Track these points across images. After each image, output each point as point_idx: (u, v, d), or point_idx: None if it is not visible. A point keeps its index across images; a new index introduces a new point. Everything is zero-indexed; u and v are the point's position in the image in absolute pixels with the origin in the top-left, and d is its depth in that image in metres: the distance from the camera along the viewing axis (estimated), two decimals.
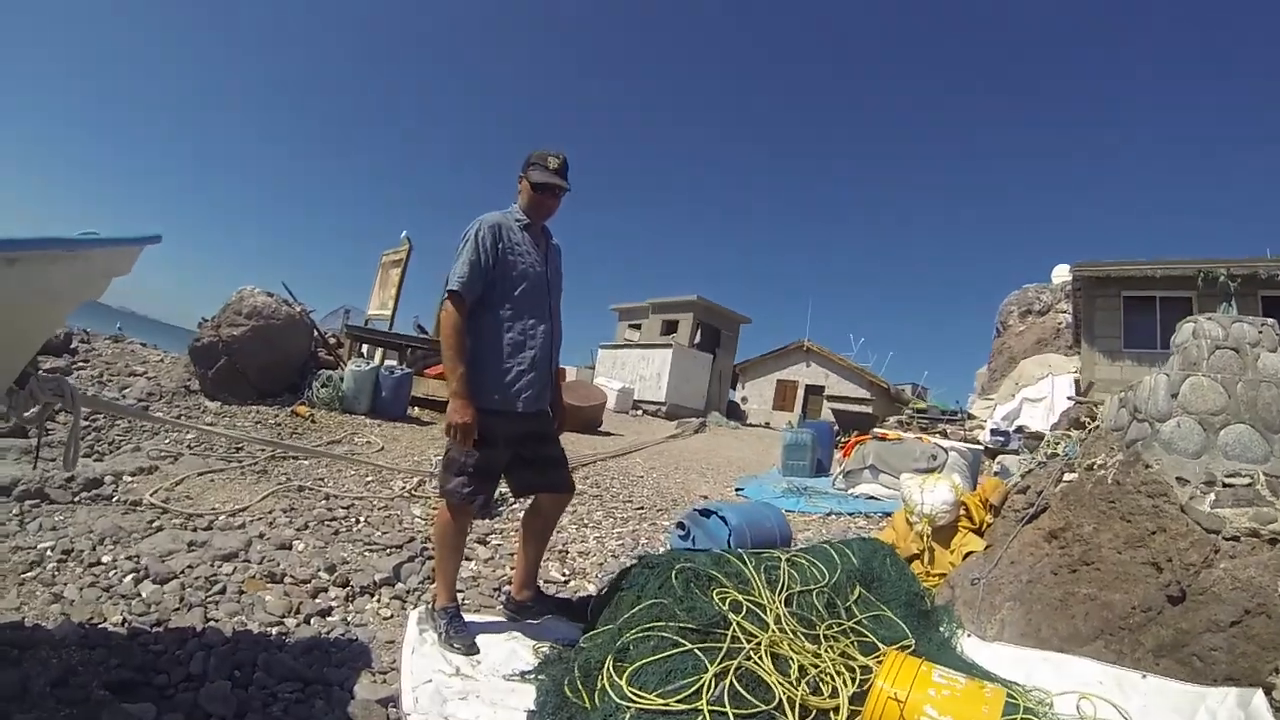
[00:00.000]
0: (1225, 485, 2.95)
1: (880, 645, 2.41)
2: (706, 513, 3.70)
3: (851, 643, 2.40)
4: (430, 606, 2.58)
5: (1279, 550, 2.58)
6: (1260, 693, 2.07)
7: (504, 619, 2.73)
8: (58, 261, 1.68)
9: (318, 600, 2.67)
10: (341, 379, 7.59)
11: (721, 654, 2.06)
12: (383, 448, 6.15)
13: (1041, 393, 14.25)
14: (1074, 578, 2.94)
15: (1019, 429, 14.07)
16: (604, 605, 2.59)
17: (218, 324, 7.26)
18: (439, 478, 2.54)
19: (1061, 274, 21.19)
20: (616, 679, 2.00)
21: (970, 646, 2.83)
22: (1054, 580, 3.01)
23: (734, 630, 2.20)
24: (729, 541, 3.45)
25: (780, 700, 1.92)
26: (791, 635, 2.30)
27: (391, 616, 2.65)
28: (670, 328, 24.54)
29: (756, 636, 2.21)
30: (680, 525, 3.80)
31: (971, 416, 16.50)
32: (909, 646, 2.46)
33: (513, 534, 3.93)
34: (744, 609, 2.39)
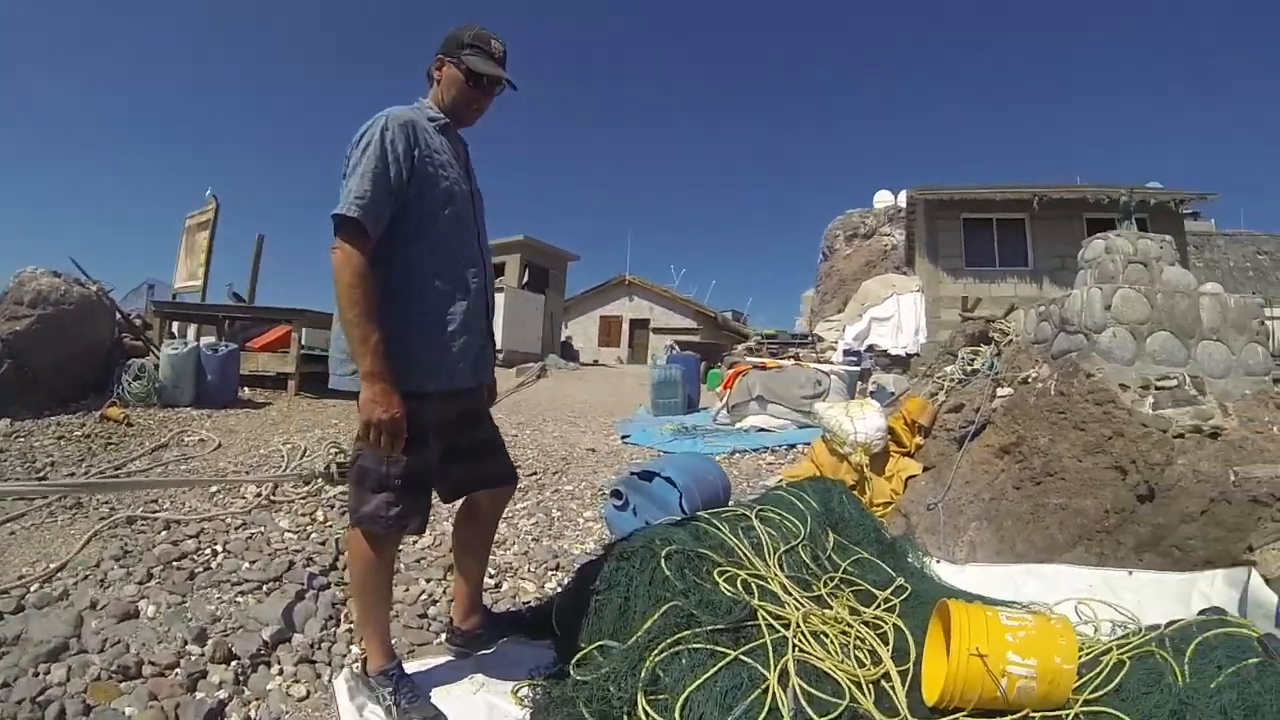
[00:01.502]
0: (1158, 388, 3.07)
1: (875, 592, 2.28)
2: (647, 475, 3.26)
3: (848, 595, 2.25)
4: (359, 670, 1.97)
5: (1220, 443, 2.68)
6: (1254, 570, 2.10)
7: (453, 657, 2.18)
8: None
9: (199, 694, 1.93)
10: (156, 367, 6.39)
11: (768, 652, 1.78)
12: (220, 444, 5.13)
13: (889, 311, 14.84)
14: (1040, 489, 2.96)
15: (869, 348, 14.74)
16: (576, 614, 2.11)
17: None
18: (350, 497, 1.86)
19: (884, 199, 22.57)
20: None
21: (945, 572, 2.81)
22: (1019, 495, 3.03)
23: (762, 618, 1.92)
24: (681, 506, 3.03)
25: (846, 687, 1.72)
26: (810, 606, 2.07)
27: (308, 695, 1.98)
28: (497, 271, 23.38)
29: (786, 618, 1.94)
30: (616, 494, 3.33)
31: (820, 339, 16.79)
32: (905, 589, 2.35)
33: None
34: (754, 588, 2.09)
